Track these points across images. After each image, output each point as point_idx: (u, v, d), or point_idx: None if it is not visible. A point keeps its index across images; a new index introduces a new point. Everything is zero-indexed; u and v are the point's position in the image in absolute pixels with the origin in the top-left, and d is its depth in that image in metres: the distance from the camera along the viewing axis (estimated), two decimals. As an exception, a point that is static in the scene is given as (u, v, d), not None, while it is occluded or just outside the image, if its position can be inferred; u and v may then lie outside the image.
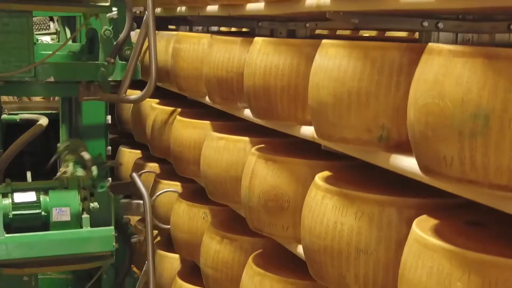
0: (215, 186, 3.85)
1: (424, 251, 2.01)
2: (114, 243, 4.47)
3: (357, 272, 2.50)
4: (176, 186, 5.13)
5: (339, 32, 5.36)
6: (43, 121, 4.78)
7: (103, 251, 4.49)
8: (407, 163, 2.27)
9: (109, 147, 6.08)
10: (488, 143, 1.76)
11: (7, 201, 4.38)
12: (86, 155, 4.84)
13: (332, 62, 2.48)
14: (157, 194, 5.02)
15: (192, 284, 4.58)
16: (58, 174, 4.96)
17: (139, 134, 5.75)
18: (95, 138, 5.94)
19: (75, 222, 4.47)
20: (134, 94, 4.80)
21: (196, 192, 4.79)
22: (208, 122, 4.30)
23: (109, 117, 6.10)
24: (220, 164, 3.78)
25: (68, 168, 4.77)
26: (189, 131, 4.41)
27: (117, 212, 4.77)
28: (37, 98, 6.59)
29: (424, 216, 2.27)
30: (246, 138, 3.72)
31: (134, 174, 4.73)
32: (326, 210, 2.58)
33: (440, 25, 2.38)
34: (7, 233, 4.31)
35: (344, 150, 2.67)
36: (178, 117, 4.58)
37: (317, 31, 4.74)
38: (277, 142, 3.60)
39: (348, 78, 2.41)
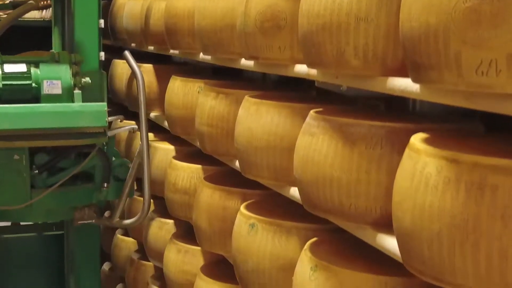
0: (210, 37, 3.75)
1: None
2: (107, 119, 4.38)
3: (356, 44, 2.40)
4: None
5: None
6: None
7: (95, 126, 4.40)
8: None
9: (102, 52, 5.99)
10: None
11: (-4, 72, 4.29)
12: None
13: None
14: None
15: (188, 162, 4.50)
16: None
17: (132, 36, 5.66)
18: (88, 42, 5.84)
19: (67, 96, 4.38)
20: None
21: (190, 71, 4.72)
22: (202, -10, 4.20)
23: (101, 21, 6.01)
24: (215, 14, 3.68)
25: None
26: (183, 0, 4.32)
27: None
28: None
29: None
30: (242, -16, 3.62)
31: (126, 52, 4.63)
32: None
33: None
34: (-3, 104, 4.22)
35: None
36: (172, -9, 4.49)
37: None
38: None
39: None
